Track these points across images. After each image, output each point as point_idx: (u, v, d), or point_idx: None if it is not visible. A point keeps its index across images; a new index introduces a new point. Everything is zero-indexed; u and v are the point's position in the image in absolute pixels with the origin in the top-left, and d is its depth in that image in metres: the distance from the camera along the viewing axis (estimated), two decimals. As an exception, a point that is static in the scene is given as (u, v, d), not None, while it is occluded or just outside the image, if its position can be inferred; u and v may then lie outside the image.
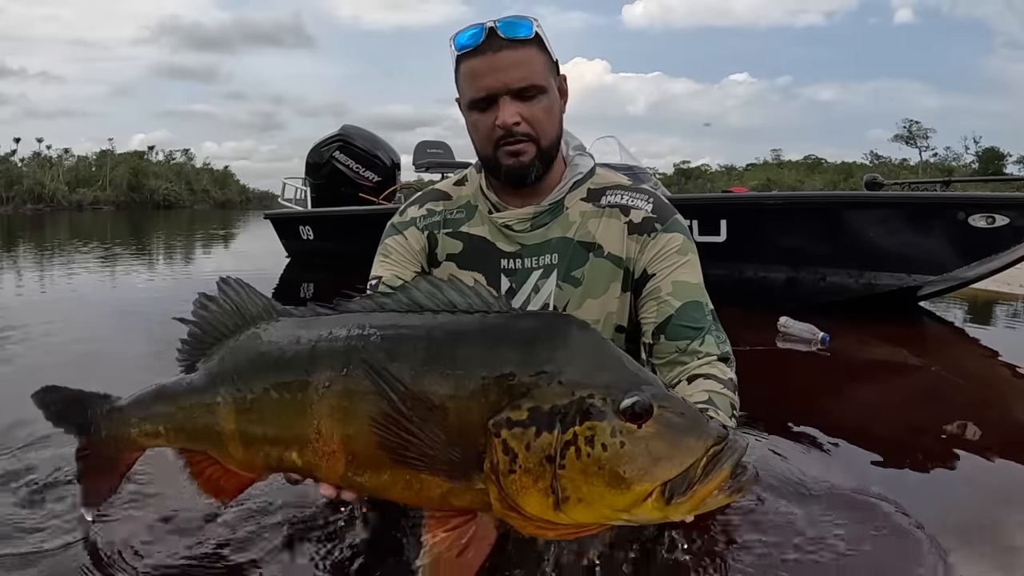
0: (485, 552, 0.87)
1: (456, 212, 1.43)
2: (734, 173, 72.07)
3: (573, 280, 1.35)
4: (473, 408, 0.81)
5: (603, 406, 0.78)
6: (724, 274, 4.35)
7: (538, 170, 1.30)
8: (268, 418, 0.95)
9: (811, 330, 3.37)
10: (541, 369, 0.80)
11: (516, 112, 1.25)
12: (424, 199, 1.47)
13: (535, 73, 1.26)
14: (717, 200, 4.94)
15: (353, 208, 6.92)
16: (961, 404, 2.30)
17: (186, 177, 79.31)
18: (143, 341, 3.22)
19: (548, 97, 1.28)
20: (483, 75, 1.26)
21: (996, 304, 5.03)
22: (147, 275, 6.87)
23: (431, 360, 0.83)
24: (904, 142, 55.39)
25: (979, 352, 3.49)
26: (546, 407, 0.79)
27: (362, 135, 7.63)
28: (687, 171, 78.23)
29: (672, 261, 1.31)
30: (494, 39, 1.24)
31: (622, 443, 0.77)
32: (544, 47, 1.29)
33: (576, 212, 1.37)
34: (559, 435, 0.77)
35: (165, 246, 12.04)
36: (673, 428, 0.78)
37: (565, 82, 1.36)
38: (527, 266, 1.36)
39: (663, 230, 1.33)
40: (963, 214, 3.88)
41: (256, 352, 0.98)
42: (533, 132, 1.27)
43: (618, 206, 1.37)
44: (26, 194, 59.68)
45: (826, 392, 2.58)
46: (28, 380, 1.33)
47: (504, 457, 0.79)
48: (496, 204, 1.38)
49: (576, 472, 0.77)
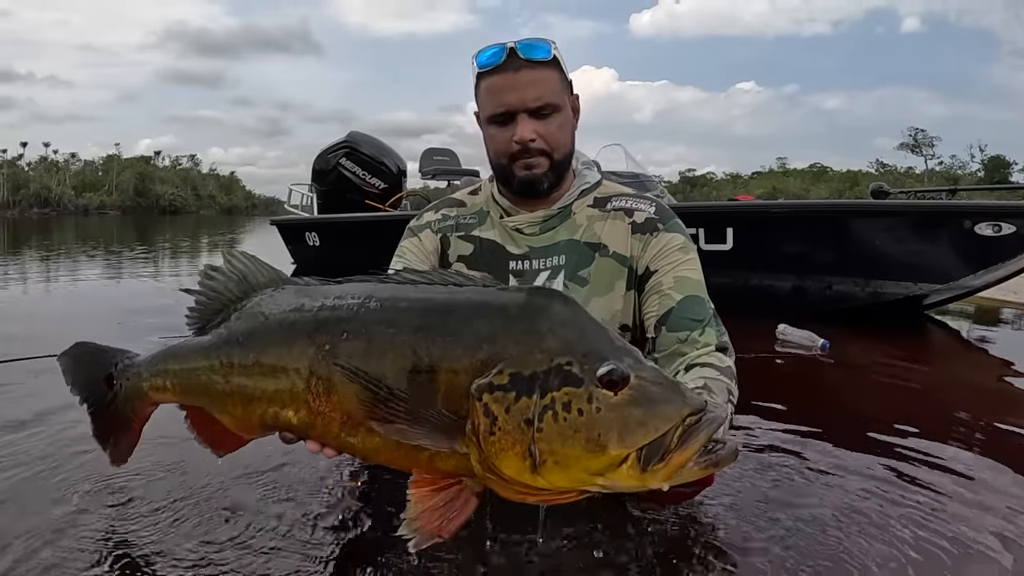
0: (467, 513, 0.90)
1: (469, 217, 1.50)
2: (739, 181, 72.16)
3: (580, 280, 1.40)
4: (459, 372, 0.85)
5: (581, 373, 0.81)
6: (730, 282, 4.35)
7: (550, 180, 1.38)
8: (268, 377, 0.99)
9: (810, 337, 3.36)
10: (523, 337, 0.84)
11: (533, 129, 1.34)
12: (440, 205, 1.56)
13: (551, 93, 1.34)
14: (724, 208, 4.94)
15: (359, 215, 6.92)
16: (965, 412, 2.29)
17: (192, 182, 79.68)
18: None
19: (562, 115, 1.37)
20: (503, 92, 1.34)
21: (1002, 312, 5.02)
22: (153, 279, 6.89)
23: (423, 328, 0.88)
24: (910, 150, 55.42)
25: (984, 360, 3.48)
26: (526, 373, 0.82)
27: (369, 142, 7.65)
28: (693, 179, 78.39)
29: (674, 258, 1.37)
30: (514, 59, 1.32)
31: (598, 408, 0.80)
32: (560, 68, 1.37)
33: (583, 216, 1.44)
34: (538, 399, 0.81)
35: (171, 251, 12.07)
36: (649, 396, 0.81)
37: (578, 100, 1.44)
38: (535, 267, 1.42)
39: (665, 229, 1.40)
40: (969, 222, 3.87)
41: (260, 315, 1.03)
42: (547, 147, 1.36)
43: (622, 209, 1.43)
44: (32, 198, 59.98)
45: (824, 398, 2.58)
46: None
47: (485, 420, 0.82)
48: (508, 209, 1.46)
49: (553, 435, 0.80)
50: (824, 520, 1.35)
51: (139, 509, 1.40)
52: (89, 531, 1.30)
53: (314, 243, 7.48)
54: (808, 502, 1.43)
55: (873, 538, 1.28)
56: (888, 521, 1.36)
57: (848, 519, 1.36)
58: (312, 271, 5.35)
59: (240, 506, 1.41)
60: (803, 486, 1.52)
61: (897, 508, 1.43)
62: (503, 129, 1.36)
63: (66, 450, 1.70)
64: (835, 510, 1.39)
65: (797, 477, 1.58)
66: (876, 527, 1.33)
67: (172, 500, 1.43)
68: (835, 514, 1.37)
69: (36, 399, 2.11)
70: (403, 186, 7.75)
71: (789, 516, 1.36)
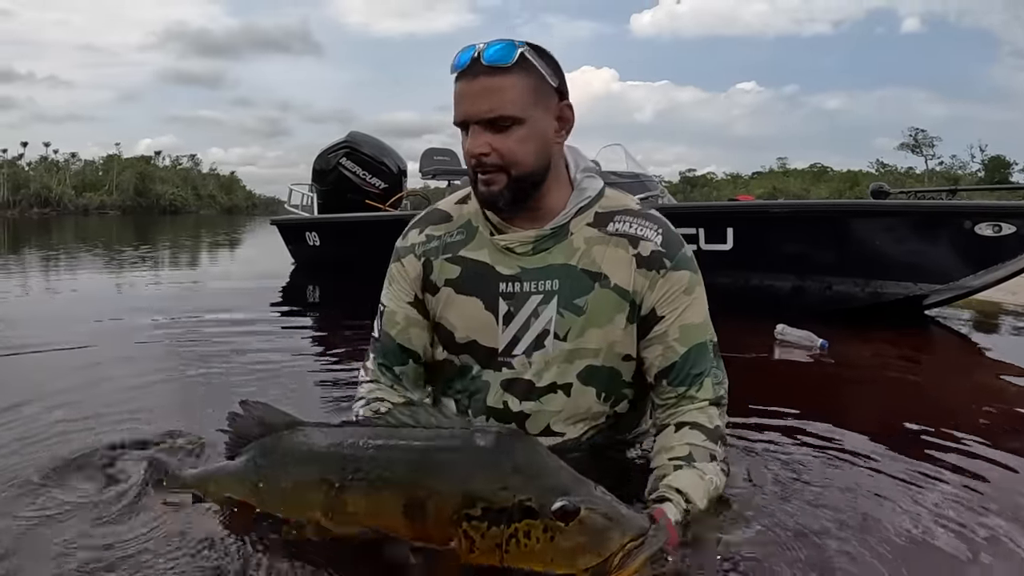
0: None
1: (456, 234, 1.42)
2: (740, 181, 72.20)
3: (576, 308, 1.34)
4: (444, 506, 1.05)
5: (538, 508, 1.00)
6: (730, 282, 4.36)
7: (506, 199, 1.29)
8: (281, 500, 1.21)
9: (809, 337, 3.36)
10: (492, 478, 1.05)
11: (486, 142, 1.24)
12: (426, 222, 1.48)
13: (509, 104, 1.23)
14: (724, 208, 4.95)
15: (359, 215, 6.93)
16: (965, 412, 2.29)
17: (192, 182, 79.68)
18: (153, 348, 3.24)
19: (526, 128, 1.25)
20: (460, 100, 1.27)
21: (1002, 313, 5.02)
22: (154, 279, 6.89)
23: (414, 471, 1.10)
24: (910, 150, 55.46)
25: (984, 361, 3.48)
26: (496, 507, 1.02)
27: (369, 142, 7.66)
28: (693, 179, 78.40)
29: (680, 303, 1.33)
30: (476, 65, 1.23)
31: (552, 537, 0.99)
32: (533, 73, 1.26)
33: (581, 238, 1.35)
34: (504, 529, 1.01)
35: (171, 251, 12.08)
36: (595, 526, 0.99)
37: (570, 109, 1.33)
38: (526, 290, 1.35)
39: (672, 267, 1.33)
40: (969, 223, 3.87)
41: (276, 451, 1.25)
42: (502, 163, 1.25)
43: (626, 236, 1.35)
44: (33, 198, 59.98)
45: (823, 398, 2.58)
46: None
47: (466, 541, 1.03)
48: (498, 225, 1.37)
49: (518, 557, 1.01)
50: (822, 519, 1.35)
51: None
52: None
53: (314, 243, 7.49)
54: (807, 501, 1.43)
55: (873, 538, 1.28)
56: (889, 519, 1.36)
57: (847, 518, 1.36)
58: (312, 270, 5.34)
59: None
60: (801, 486, 1.51)
61: (896, 507, 1.43)
62: (466, 139, 1.28)
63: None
64: (833, 510, 1.39)
65: (795, 476, 1.58)
66: (875, 526, 1.33)
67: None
68: (834, 514, 1.37)
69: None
70: (403, 186, 7.76)
71: (786, 515, 1.35)
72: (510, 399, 1.40)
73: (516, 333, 1.37)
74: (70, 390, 2.25)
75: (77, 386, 2.32)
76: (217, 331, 3.58)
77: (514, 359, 1.38)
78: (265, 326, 3.87)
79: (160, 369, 2.66)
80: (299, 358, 2.98)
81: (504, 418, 1.40)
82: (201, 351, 3.02)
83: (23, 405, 2.03)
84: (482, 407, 1.42)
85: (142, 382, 2.41)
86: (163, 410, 2.04)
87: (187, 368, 2.67)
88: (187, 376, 2.56)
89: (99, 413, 1.97)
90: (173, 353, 3.05)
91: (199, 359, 2.82)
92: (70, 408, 2.02)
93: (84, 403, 2.08)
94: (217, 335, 3.45)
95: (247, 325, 3.78)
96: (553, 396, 1.38)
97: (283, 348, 3.20)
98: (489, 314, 1.38)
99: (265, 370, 2.63)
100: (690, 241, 4.43)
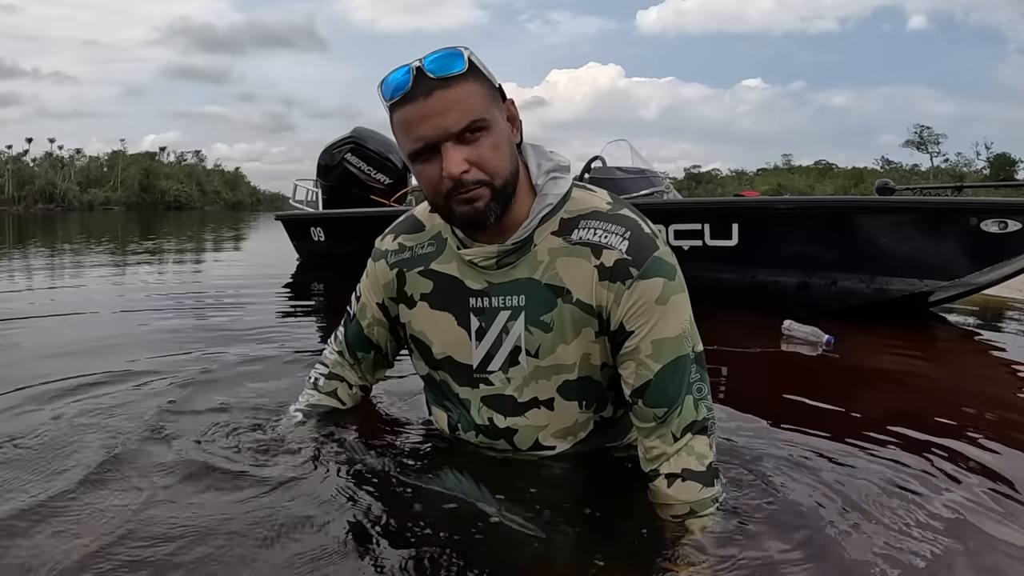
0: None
1: (427, 245, 1.40)
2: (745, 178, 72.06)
3: (543, 325, 1.29)
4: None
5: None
6: (736, 278, 4.38)
7: (496, 212, 1.21)
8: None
9: (815, 333, 3.36)
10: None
11: (462, 159, 1.15)
12: (399, 230, 1.46)
13: (474, 109, 1.15)
14: (730, 204, 4.94)
15: (364, 210, 6.95)
16: (972, 408, 2.29)
17: (197, 178, 79.90)
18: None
19: (495, 132, 1.18)
20: (417, 124, 1.16)
21: (1007, 310, 5.01)
22: (158, 274, 6.91)
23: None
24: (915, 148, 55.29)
25: (990, 357, 3.47)
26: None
27: (374, 137, 7.63)
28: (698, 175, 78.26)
29: (650, 316, 1.22)
30: (424, 81, 1.14)
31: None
32: (481, 76, 1.19)
33: (544, 249, 1.28)
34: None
35: (176, 247, 12.10)
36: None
37: (514, 106, 1.26)
38: (494, 305, 1.31)
39: (639, 276, 1.22)
40: (975, 219, 3.85)
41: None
42: (484, 176, 1.17)
43: (588, 244, 1.26)
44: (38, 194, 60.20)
45: (829, 393, 2.58)
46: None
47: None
48: (463, 240, 1.33)
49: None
50: (827, 516, 1.35)
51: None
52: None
53: (319, 238, 7.50)
54: (812, 499, 1.43)
55: (881, 536, 1.28)
56: (894, 518, 1.36)
57: (852, 515, 1.36)
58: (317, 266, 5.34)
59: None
60: (808, 483, 1.52)
61: (903, 503, 1.43)
62: (429, 165, 1.18)
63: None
64: (842, 505, 1.39)
65: (802, 473, 1.58)
66: (884, 523, 1.33)
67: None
68: (842, 510, 1.37)
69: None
70: (408, 182, 7.73)
71: (791, 512, 1.36)
72: (495, 415, 1.39)
73: (489, 349, 1.35)
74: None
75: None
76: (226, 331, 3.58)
77: (491, 375, 1.37)
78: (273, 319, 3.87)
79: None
80: (298, 349, 2.98)
81: (492, 435, 1.41)
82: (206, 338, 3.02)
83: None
84: (470, 423, 1.43)
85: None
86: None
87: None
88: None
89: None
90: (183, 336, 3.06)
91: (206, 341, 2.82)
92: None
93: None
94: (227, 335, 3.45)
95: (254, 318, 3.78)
96: (537, 411, 1.37)
97: (282, 339, 3.21)
98: (462, 330, 1.37)
99: (270, 358, 2.63)
100: (695, 237, 4.52)
